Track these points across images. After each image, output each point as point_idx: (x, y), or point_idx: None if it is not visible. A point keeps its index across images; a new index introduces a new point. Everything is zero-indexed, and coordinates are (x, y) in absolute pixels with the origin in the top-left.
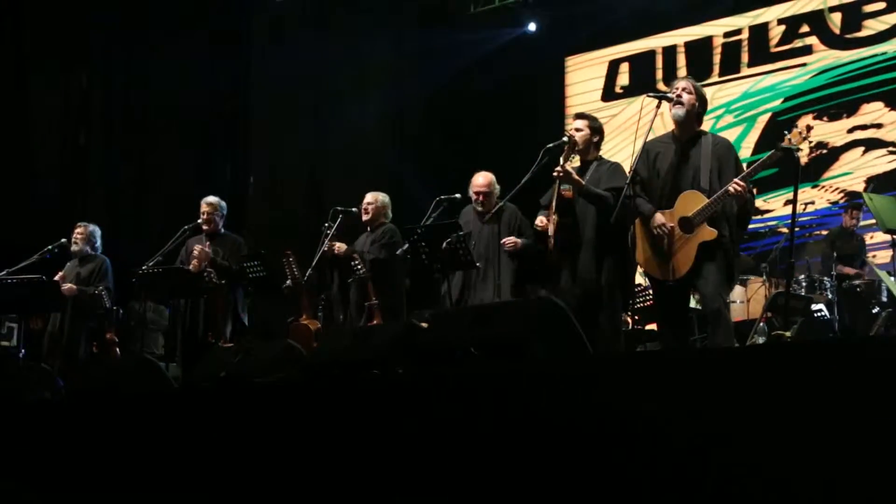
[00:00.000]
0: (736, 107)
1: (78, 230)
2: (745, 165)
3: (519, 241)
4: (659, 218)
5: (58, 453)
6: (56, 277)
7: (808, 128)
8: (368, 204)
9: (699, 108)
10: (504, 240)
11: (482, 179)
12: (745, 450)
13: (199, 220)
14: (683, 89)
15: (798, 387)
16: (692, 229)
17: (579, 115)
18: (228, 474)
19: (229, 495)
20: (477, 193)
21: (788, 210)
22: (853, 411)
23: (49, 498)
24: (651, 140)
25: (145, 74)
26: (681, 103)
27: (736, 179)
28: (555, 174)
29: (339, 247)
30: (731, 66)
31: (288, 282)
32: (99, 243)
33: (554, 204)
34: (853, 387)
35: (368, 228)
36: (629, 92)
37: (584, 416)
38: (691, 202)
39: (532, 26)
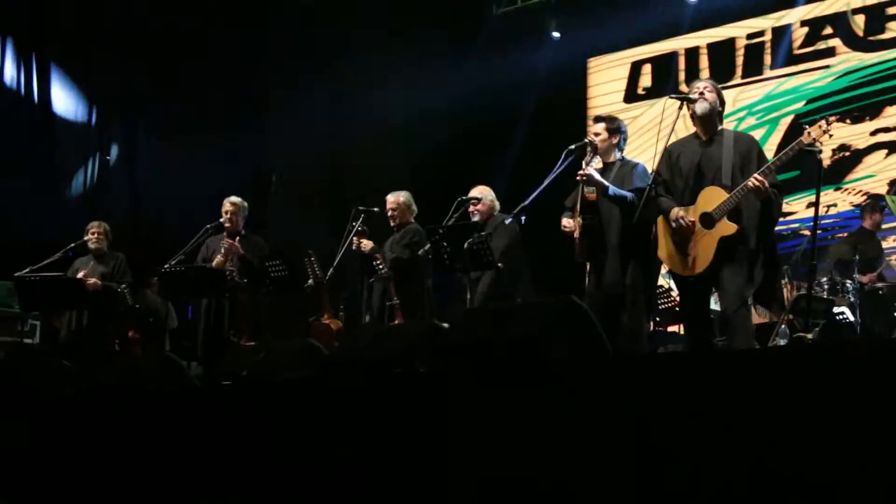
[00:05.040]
0: (758, 109)
1: (93, 229)
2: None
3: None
4: (678, 211)
5: (78, 450)
6: (79, 275)
7: (829, 121)
8: (392, 209)
9: (720, 107)
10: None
11: (474, 192)
12: (764, 452)
13: (222, 220)
14: (705, 88)
15: (820, 389)
16: (713, 224)
17: (598, 119)
18: (248, 471)
19: (249, 492)
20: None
21: (811, 212)
22: (875, 414)
23: (69, 494)
24: (673, 142)
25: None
26: (704, 99)
27: (755, 174)
28: (578, 177)
29: (366, 243)
30: (753, 68)
31: (310, 281)
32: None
33: (578, 206)
34: (875, 389)
35: (395, 231)
36: (651, 93)
37: (601, 417)
38: (713, 197)
39: (556, 34)
